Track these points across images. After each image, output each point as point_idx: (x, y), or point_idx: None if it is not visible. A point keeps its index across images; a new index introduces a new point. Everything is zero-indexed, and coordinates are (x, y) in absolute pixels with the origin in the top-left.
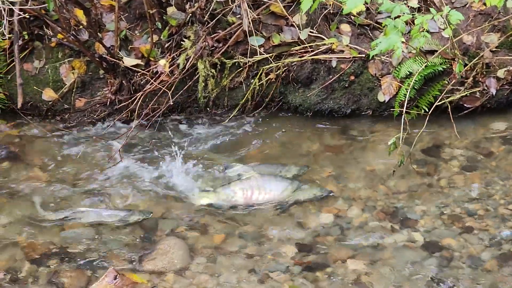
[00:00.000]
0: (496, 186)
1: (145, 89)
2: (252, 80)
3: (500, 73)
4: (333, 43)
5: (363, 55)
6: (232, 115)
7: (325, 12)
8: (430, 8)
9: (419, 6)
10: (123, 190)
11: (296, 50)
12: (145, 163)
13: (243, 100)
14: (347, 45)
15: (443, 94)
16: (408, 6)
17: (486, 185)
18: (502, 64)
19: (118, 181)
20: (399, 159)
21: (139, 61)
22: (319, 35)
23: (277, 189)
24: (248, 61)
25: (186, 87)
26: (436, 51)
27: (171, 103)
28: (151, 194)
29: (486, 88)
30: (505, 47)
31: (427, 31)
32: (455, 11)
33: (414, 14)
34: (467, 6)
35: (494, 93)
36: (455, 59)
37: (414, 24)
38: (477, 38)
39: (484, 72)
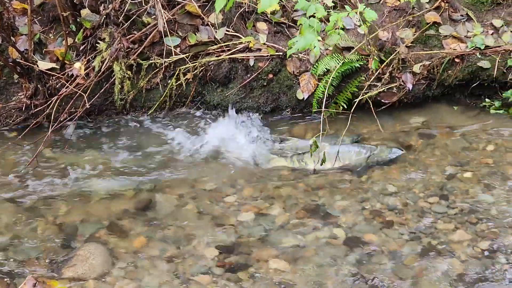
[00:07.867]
0: (416, 180)
1: (60, 92)
2: (170, 81)
3: (416, 68)
4: (250, 41)
5: (281, 53)
6: (149, 113)
7: (241, 10)
8: (345, 6)
9: (334, 3)
10: None
11: (213, 50)
12: None
13: (160, 100)
14: (264, 43)
15: (363, 90)
16: (324, 4)
17: (406, 179)
18: (417, 59)
19: None
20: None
21: (54, 65)
22: (235, 33)
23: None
24: (164, 61)
25: (102, 89)
26: (353, 47)
27: (88, 106)
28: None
29: (402, 83)
30: (420, 42)
31: (343, 28)
32: (370, 9)
33: (330, 12)
34: (381, 2)
35: (410, 88)
36: (371, 55)
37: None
38: (392, 34)
39: (400, 68)
